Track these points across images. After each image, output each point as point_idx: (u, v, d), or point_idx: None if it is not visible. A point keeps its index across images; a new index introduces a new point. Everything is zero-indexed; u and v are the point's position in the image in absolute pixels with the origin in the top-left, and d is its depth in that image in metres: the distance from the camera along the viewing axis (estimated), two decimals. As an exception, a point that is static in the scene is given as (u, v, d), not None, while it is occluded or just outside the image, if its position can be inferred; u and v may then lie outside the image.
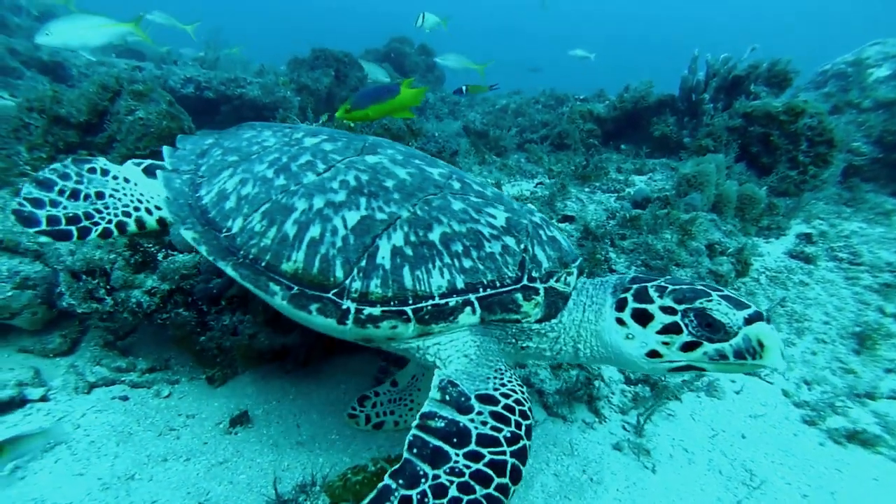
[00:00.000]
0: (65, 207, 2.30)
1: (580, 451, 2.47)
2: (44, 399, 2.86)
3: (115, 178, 2.52)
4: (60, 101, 3.65)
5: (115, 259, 2.99)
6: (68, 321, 3.45)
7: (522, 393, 1.79)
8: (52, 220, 2.23)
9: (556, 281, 2.00)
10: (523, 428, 1.66)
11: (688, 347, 1.72)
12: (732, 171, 4.73)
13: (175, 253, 3.19)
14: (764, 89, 5.59)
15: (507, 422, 1.65)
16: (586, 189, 4.79)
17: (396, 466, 1.56)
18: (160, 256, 3.13)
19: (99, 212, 2.35)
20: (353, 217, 1.99)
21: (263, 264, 2.00)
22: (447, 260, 1.90)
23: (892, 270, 3.98)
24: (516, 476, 1.55)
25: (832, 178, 5.00)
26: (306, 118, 5.34)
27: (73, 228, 2.25)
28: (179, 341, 3.08)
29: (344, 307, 1.87)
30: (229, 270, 2.03)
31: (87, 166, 2.48)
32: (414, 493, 1.49)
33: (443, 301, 1.85)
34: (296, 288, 1.93)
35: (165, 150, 2.64)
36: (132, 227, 2.40)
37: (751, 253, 3.79)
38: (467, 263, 1.91)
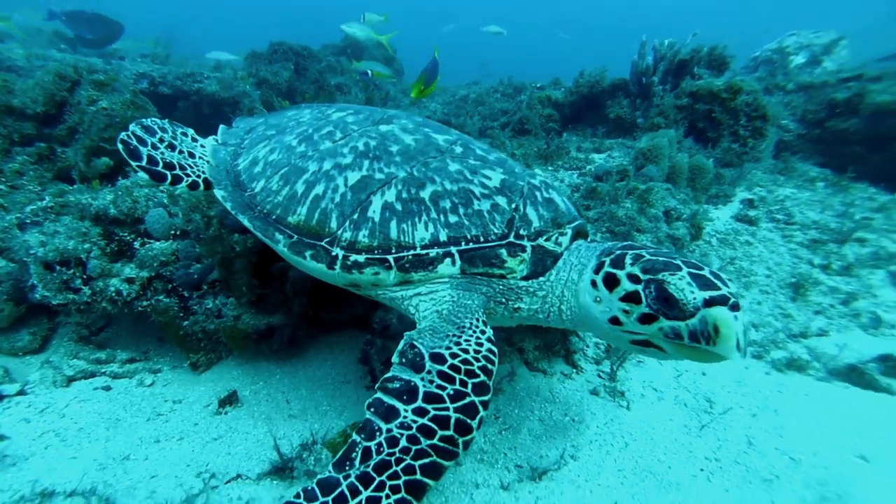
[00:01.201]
0: (162, 153, 2.56)
1: (561, 398, 2.68)
2: (21, 393, 2.79)
3: (202, 146, 2.80)
4: (12, 90, 3.51)
5: (91, 248, 2.94)
6: (37, 319, 3.35)
7: (477, 352, 1.83)
8: (152, 160, 2.48)
9: (547, 240, 2.05)
10: (469, 385, 1.73)
11: (645, 320, 1.69)
12: (683, 146, 5.11)
13: (151, 241, 3.16)
14: (706, 72, 6.04)
15: (451, 380, 1.74)
16: (549, 168, 5.03)
17: (361, 425, 1.74)
18: (136, 244, 3.10)
19: (191, 167, 2.58)
20: (354, 177, 2.16)
21: (274, 217, 2.22)
22: (433, 215, 2.03)
23: (818, 227, 4.50)
24: (463, 428, 1.65)
25: (768, 150, 5.51)
26: (273, 108, 5.31)
27: (168, 173, 2.48)
28: (163, 327, 3.07)
29: (333, 254, 2.05)
30: (246, 222, 2.30)
31: (180, 130, 2.79)
32: (372, 444, 1.67)
33: (424, 251, 2.00)
34: (296, 237, 2.13)
35: (221, 127, 2.91)
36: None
37: (703, 218, 4.14)
38: (453, 219, 2.03)
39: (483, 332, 1.93)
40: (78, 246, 2.91)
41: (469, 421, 1.67)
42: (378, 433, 1.68)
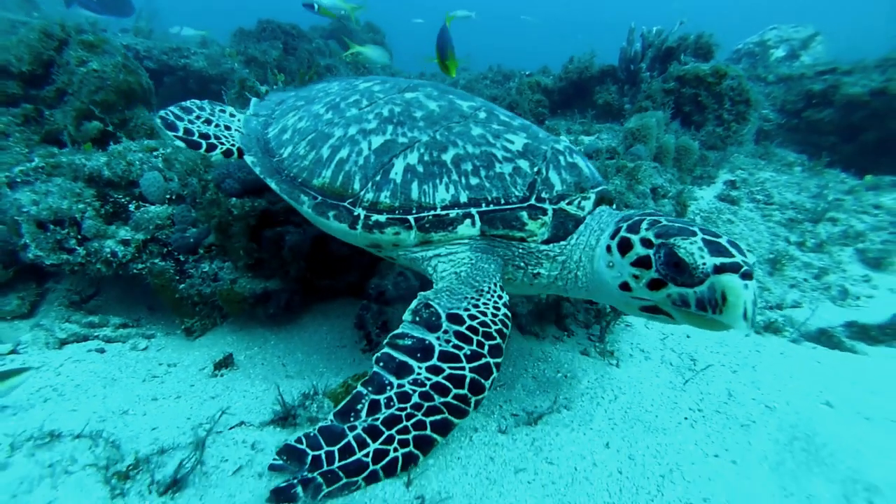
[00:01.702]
0: (199, 127, 2.74)
1: (553, 358, 2.78)
2: (14, 353, 2.77)
3: (239, 120, 2.93)
4: (-5, 47, 3.42)
5: (85, 209, 2.92)
6: (25, 284, 3.30)
7: (494, 315, 1.84)
8: (188, 131, 2.68)
9: (569, 204, 2.03)
10: (486, 347, 1.75)
11: (654, 285, 1.66)
12: (670, 128, 5.27)
13: (146, 204, 3.15)
14: (692, 59, 6.19)
15: (469, 341, 1.76)
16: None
17: (367, 377, 1.75)
18: (132, 207, 3.08)
19: (225, 137, 2.73)
20: (377, 141, 2.19)
21: (300, 181, 2.27)
22: (455, 177, 2.05)
23: (795, 208, 4.74)
24: (476, 388, 1.69)
25: (750, 134, 5.72)
26: (266, 82, 5.26)
27: (203, 142, 2.66)
28: (158, 290, 3.06)
29: (355, 214, 2.09)
30: (273, 185, 2.36)
31: (218, 107, 2.99)
32: (381, 398, 1.68)
33: (444, 212, 2.01)
34: (320, 198, 2.17)
35: (253, 100, 3.03)
36: None
37: (688, 197, 4.30)
38: (474, 181, 2.04)
39: (500, 297, 1.94)
40: (72, 206, 2.88)
41: (483, 381, 1.71)
42: (388, 387, 1.70)
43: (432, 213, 2.02)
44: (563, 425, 2.12)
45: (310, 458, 1.64)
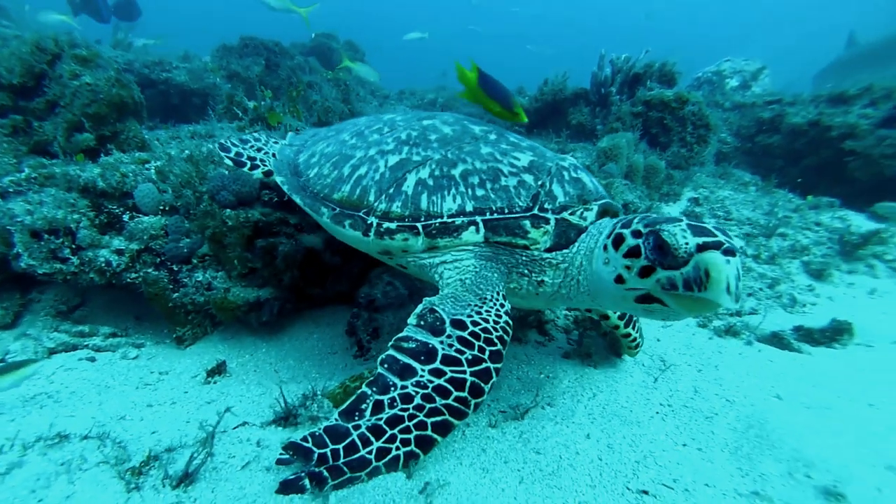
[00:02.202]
0: (248, 152, 3.35)
1: (536, 360, 2.98)
2: (1, 361, 2.75)
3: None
4: (-17, 59, 3.43)
5: (80, 219, 2.95)
6: (9, 294, 3.28)
7: (496, 322, 1.94)
8: (237, 154, 3.30)
9: (571, 214, 2.13)
10: (487, 353, 1.85)
11: (644, 272, 1.71)
12: (639, 148, 5.66)
13: (140, 215, 3.20)
14: (657, 85, 6.67)
15: (471, 346, 1.85)
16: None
17: (371, 378, 1.86)
18: (126, 218, 3.13)
19: (269, 161, 3.24)
20: (393, 159, 2.40)
21: (322, 195, 2.50)
22: (462, 189, 2.21)
23: (751, 223, 5.17)
24: (476, 391, 1.78)
25: (710, 156, 6.21)
26: (254, 98, 5.35)
27: (248, 162, 3.26)
28: (152, 299, 3.11)
29: (369, 222, 2.27)
30: (298, 200, 2.63)
31: (272, 139, 3.53)
32: (385, 398, 1.77)
33: (450, 220, 2.16)
34: (338, 209, 2.38)
35: (289, 134, 3.43)
36: None
37: (656, 212, 4.64)
38: (480, 192, 2.19)
39: (502, 306, 2.04)
40: (67, 216, 2.92)
41: (483, 385, 1.81)
42: (392, 388, 1.79)
43: (439, 220, 2.17)
44: (548, 419, 2.30)
45: (316, 455, 1.74)
